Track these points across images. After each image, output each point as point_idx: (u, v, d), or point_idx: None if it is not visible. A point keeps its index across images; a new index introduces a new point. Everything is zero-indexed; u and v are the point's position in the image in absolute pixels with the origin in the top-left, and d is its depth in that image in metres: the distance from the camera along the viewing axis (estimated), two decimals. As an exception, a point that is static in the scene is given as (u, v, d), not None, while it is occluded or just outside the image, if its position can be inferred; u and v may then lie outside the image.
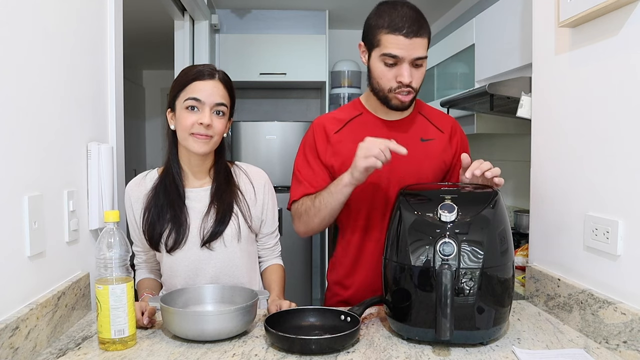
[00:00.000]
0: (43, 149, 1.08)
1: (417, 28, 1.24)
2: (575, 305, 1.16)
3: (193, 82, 1.23)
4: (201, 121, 1.22)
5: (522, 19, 1.84)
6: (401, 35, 1.24)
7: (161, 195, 1.28)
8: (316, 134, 1.43)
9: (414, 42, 1.24)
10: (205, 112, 1.22)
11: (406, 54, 1.25)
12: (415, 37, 1.24)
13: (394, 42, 1.24)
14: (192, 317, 1.08)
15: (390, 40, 1.25)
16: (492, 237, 1.04)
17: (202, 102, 1.22)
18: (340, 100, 3.91)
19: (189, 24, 3.14)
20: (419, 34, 1.25)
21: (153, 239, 1.28)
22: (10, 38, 0.95)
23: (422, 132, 1.41)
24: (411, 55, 1.25)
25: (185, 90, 1.24)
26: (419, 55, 1.26)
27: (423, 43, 1.27)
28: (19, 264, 0.98)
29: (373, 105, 1.42)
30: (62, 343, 1.07)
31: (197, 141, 1.23)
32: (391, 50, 1.25)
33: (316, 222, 1.34)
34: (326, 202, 1.29)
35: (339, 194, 1.27)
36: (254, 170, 1.39)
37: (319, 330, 1.12)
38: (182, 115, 1.24)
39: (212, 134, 1.24)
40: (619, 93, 1.05)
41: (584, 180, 1.17)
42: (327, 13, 3.81)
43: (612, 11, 1.06)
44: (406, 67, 1.26)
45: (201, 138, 1.23)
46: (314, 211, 1.33)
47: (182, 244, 1.27)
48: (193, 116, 1.22)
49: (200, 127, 1.22)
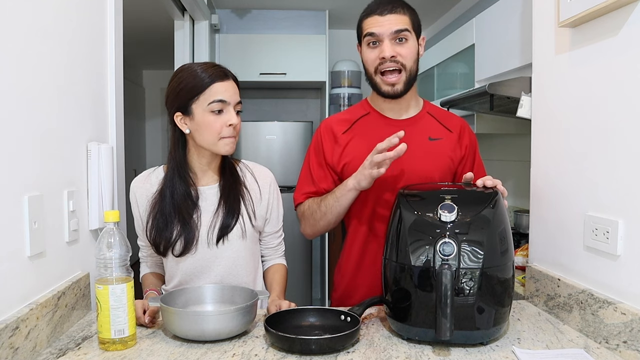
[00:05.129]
0: (43, 149, 1.08)
1: (390, 6, 1.32)
2: (575, 305, 1.16)
3: (212, 84, 1.21)
4: (230, 122, 1.22)
5: (522, 19, 1.84)
6: (376, 15, 1.32)
7: (168, 201, 1.27)
8: (323, 136, 1.43)
9: (389, 18, 1.31)
10: (232, 113, 1.23)
11: (383, 29, 1.31)
12: (390, 14, 1.31)
13: (371, 22, 1.33)
14: (192, 317, 1.08)
15: (367, 22, 1.34)
16: (492, 237, 1.04)
17: (228, 102, 1.23)
18: (340, 100, 3.91)
19: (189, 24, 3.14)
20: (393, 10, 1.31)
21: (160, 245, 1.27)
22: (10, 38, 0.95)
23: (430, 131, 1.41)
24: (388, 29, 1.30)
25: (205, 94, 1.21)
26: (397, 28, 1.30)
27: (400, 18, 1.32)
28: (19, 264, 0.98)
29: (379, 104, 1.43)
30: (62, 343, 1.07)
31: (228, 144, 1.24)
32: (368, 29, 1.33)
33: (322, 224, 1.37)
34: (331, 206, 1.32)
35: (343, 199, 1.30)
36: (260, 169, 1.40)
37: (319, 330, 1.12)
38: (208, 119, 1.22)
39: (236, 134, 1.26)
40: (619, 93, 1.05)
41: (584, 180, 1.17)
42: (327, 13, 3.81)
43: (612, 11, 1.06)
44: (387, 42, 1.31)
45: (230, 140, 1.24)
46: (320, 215, 1.35)
47: (192, 247, 1.27)
48: (220, 119, 1.22)
49: (229, 129, 1.23)
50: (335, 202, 1.31)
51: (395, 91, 1.34)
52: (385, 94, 1.35)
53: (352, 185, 1.26)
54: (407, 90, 1.36)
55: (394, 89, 1.33)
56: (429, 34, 4.18)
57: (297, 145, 3.77)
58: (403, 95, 1.36)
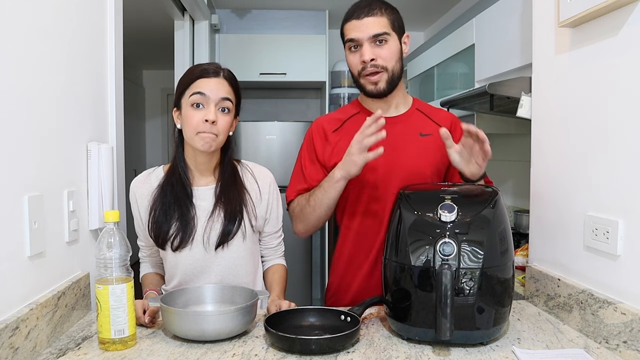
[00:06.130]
0: (43, 149, 1.08)
1: (367, 10, 1.32)
2: (575, 305, 1.16)
3: (198, 79, 1.24)
4: (207, 117, 1.21)
5: (522, 19, 1.84)
6: (353, 19, 1.33)
7: (168, 194, 1.29)
8: (314, 135, 1.45)
9: (366, 22, 1.31)
10: (211, 109, 1.23)
11: (361, 34, 1.31)
12: (367, 17, 1.31)
13: (350, 27, 1.34)
14: (192, 317, 1.08)
15: (347, 27, 1.35)
16: (492, 237, 1.04)
17: (207, 96, 1.23)
18: (340, 100, 3.91)
19: (189, 24, 3.14)
20: (370, 13, 1.32)
21: (159, 237, 1.28)
22: (10, 38, 0.95)
23: (421, 127, 1.41)
24: (367, 33, 1.31)
25: (190, 87, 1.25)
26: (374, 32, 1.31)
27: (377, 21, 1.32)
28: (19, 264, 0.98)
29: (368, 103, 1.45)
30: (62, 343, 1.07)
31: (203, 139, 1.23)
32: (348, 34, 1.34)
33: (313, 220, 1.36)
34: (320, 199, 1.32)
35: (331, 190, 1.29)
36: (260, 169, 1.40)
37: (319, 330, 1.12)
38: (188, 113, 1.24)
39: (216, 132, 1.23)
40: (619, 93, 1.05)
41: (584, 180, 1.17)
42: (327, 13, 3.81)
43: (612, 11, 1.06)
44: (366, 46, 1.32)
45: (207, 136, 1.23)
46: (309, 210, 1.35)
47: (189, 242, 1.27)
48: (199, 114, 1.23)
49: (206, 124, 1.22)
50: (323, 194, 1.30)
51: (379, 89, 1.35)
52: (370, 93, 1.37)
53: (340, 175, 1.25)
54: (392, 89, 1.37)
55: (377, 87, 1.35)
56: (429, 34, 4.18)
57: (297, 145, 3.74)
58: (388, 93, 1.37)
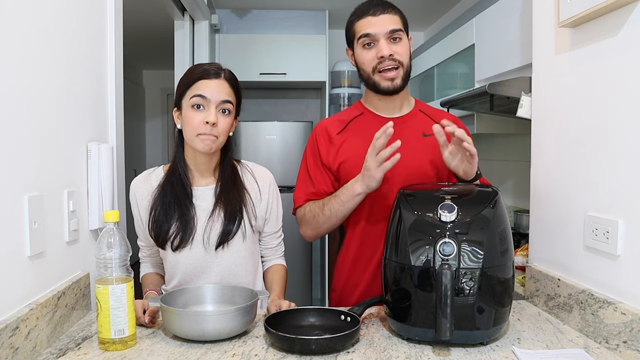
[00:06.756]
0: (43, 149, 1.08)
1: (382, 7, 1.35)
2: (575, 305, 1.16)
3: (199, 80, 1.24)
4: (207, 119, 1.22)
5: (522, 19, 1.84)
6: (369, 16, 1.35)
7: (168, 194, 1.29)
8: (318, 138, 1.45)
9: (383, 18, 1.34)
10: (211, 110, 1.23)
11: (378, 30, 1.33)
12: (383, 14, 1.34)
13: (365, 24, 1.35)
14: (192, 317, 1.08)
15: (361, 24, 1.36)
16: (492, 237, 1.04)
17: (208, 99, 1.23)
18: (340, 100, 3.91)
19: (189, 24, 3.14)
20: (386, 11, 1.35)
21: (159, 237, 1.28)
22: (10, 38, 0.95)
23: (424, 127, 1.42)
24: (384, 29, 1.33)
25: (191, 89, 1.25)
26: (392, 28, 1.33)
27: (393, 18, 1.35)
28: (19, 264, 0.98)
29: (373, 103, 1.44)
30: (62, 343, 1.07)
31: (204, 141, 1.23)
32: (363, 30, 1.35)
33: (326, 227, 1.39)
34: (337, 210, 1.33)
35: (350, 203, 1.31)
36: (260, 169, 1.40)
37: (319, 330, 1.12)
38: (189, 114, 1.24)
39: (217, 133, 1.24)
40: (619, 93, 1.05)
41: (584, 180, 1.17)
42: (327, 13, 3.81)
43: (612, 11, 1.06)
44: (383, 41, 1.33)
45: (207, 138, 1.23)
46: (324, 218, 1.36)
47: (189, 242, 1.27)
48: (199, 115, 1.23)
49: (207, 126, 1.22)
50: (341, 206, 1.32)
51: (395, 86, 1.36)
52: (384, 90, 1.37)
53: (361, 189, 1.26)
54: (404, 86, 1.39)
55: (393, 83, 1.35)
56: (429, 34, 4.18)
57: (297, 145, 3.77)
58: (400, 90, 1.39)
